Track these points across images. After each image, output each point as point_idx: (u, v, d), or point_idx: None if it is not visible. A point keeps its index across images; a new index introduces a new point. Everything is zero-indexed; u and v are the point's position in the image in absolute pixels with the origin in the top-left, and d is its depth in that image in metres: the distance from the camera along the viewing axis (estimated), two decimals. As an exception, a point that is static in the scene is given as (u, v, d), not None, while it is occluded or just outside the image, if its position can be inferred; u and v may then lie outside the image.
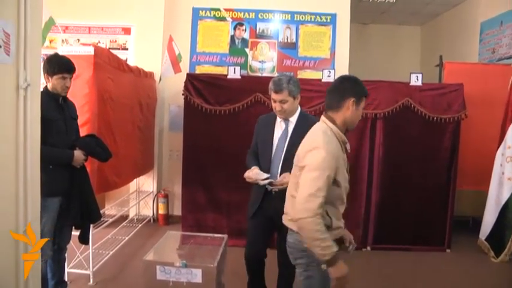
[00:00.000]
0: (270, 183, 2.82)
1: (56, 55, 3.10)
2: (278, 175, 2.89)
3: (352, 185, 4.67)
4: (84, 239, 3.32)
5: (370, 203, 4.82)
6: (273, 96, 2.88)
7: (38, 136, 2.33)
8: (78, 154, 3.06)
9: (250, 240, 3.00)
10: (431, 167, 4.81)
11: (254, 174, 2.88)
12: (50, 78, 2.97)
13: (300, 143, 2.47)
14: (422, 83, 4.75)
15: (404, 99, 4.71)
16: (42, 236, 2.83)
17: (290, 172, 2.54)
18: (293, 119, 2.96)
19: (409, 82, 4.76)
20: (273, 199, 2.84)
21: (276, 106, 2.90)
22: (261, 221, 2.95)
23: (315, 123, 2.62)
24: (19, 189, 2.15)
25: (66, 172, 3.03)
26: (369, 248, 4.85)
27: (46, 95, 2.87)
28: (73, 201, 3.07)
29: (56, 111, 2.99)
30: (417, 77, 4.76)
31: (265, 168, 2.93)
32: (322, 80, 4.76)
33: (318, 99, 4.68)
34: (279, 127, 3.00)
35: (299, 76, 5.89)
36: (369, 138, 4.77)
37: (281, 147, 2.93)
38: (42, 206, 2.75)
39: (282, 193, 2.63)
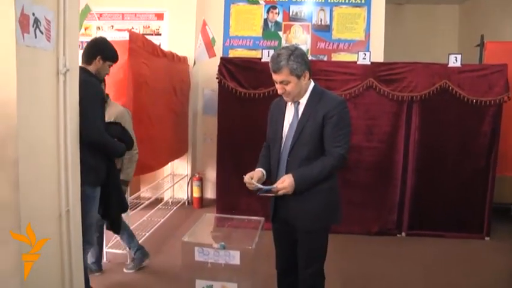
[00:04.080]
0: (268, 191, 2.24)
1: (109, 41, 3.08)
2: (284, 172, 2.33)
3: (387, 169, 4.73)
4: (117, 228, 3.28)
5: (405, 187, 4.73)
6: (273, 76, 2.31)
7: (77, 119, 2.39)
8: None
9: (277, 252, 2.59)
10: (469, 152, 4.66)
11: (250, 183, 2.28)
12: (101, 62, 2.91)
13: (312, 125, 2.26)
14: (461, 64, 4.59)
15: (442, 82, 4.57)
16: (90, 228, 2.91)
17: (294, 171, 2.25)
18: (303, 100, 2.37)
19: (447, 63, 4.61)
20: (287, 201, 2.33)
21: (278, 88, 2.34)
22: (281, 228, 2.48)
23: (333, 99, 2.33)
24: (61, 174, 2.23)
25: (107, 162, 3.01)
26: (403, 233, 4.78)
27: (94, 76, 2.89)
28: (110, 191, 3.04)
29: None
30: (456, 58, 4.59)
31: (275, 166, 2.41)
32: (358, 63, 4.67)
33: (354, 82, 4.62)
34: (290, 111, 2.43)
35: (333, 59, 5.81)
36: (404, 122, 4.67)
37: (291, 135, 2.36)
38: (91, 197, 2.83)
39: (296, 194, 2.25)
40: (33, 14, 1.89)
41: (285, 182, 2.19)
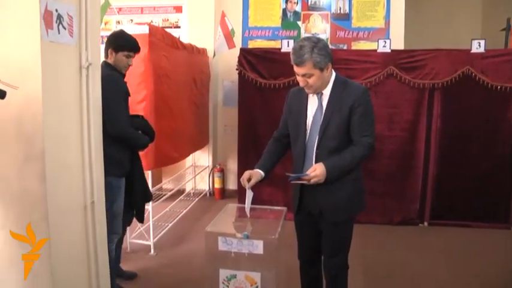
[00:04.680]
0: (298, 179, 2.22)
1: (123, 31, 3.08)
2: (313, 164, 2.27)
3: (409, 158, 4.68)
4: (141, 217, 3.31)
5: (428, 176, 4.68)
6: (295, 69, 2.24)
7: (100, 113, 2.43)
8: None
9: (300, 243, 2.59)
10: (493, 139, 4.58)
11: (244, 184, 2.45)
12: (114, 53, 2.93)
13: (337, 117, 2.23)
14: (485, 49, 4.48)
15: (464, 68, 4.48)
16: (117, 217, 2.96)
17: (325, 161, 2.20)
18: (326, 91, 2.31)
19: (470, 49, 4.51)
20: (312, 192, 2.31)
21: (299, 81, 2.26)
22: (305, 220, 2.46)
23: (357, 88, 2.30)
24: (85, 166, 2.27)
25: (131, 153, 3.06)
26: (426, 223, 4.74)
27: (115, 70, 2.92)
28: (134, 181, 3.10)
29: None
30: (479, 43, 4.49)
31: (300, 158, 2.36)
32: (378, 51, 4.62)
33: (374, 70, 4.58)
34: (313, 102, 2.35)
35: (353, 47, 5.75)
36: (426, 110, 4.61)
37: (315, 128, 2.30)
38: (117, 187, 2.89)
39: (323, 185, 2.20)
40: (56, 10, 1.93)
41: (317, 170, 2.15)
